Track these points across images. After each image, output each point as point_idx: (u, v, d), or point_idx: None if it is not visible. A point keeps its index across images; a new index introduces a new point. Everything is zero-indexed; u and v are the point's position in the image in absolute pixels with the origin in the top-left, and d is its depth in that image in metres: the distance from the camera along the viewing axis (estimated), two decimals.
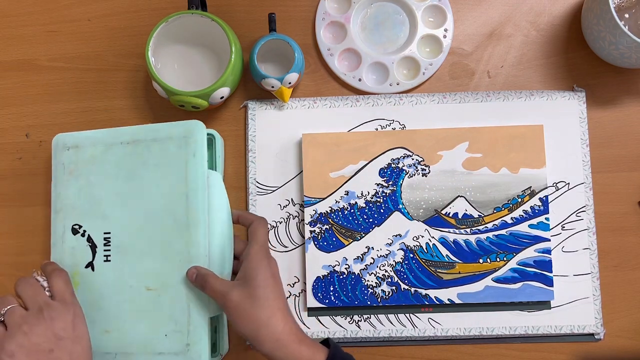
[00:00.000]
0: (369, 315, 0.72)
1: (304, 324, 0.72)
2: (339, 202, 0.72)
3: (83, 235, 0.67)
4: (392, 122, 0.75)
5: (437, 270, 0.71)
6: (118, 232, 0.66)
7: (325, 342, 0.61)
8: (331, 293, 0.71)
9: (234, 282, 0.59)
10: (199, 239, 0.63)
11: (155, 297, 0.64)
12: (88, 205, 0.68)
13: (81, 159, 0.69)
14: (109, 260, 0.66)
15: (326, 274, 0.72)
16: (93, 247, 0.67)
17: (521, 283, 0.71)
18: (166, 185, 0.65)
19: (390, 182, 0.72)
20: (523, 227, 0.71)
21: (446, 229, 0.72)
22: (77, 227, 0.68)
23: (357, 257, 0.72)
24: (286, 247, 0.73)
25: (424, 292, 0.71)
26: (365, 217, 0.72)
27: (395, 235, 0.72)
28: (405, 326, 0.72)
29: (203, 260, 0.63)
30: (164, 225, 0.64)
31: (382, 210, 0.72)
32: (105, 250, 0.66)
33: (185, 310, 0.63)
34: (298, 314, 0.72)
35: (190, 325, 0.63)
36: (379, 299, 0.71)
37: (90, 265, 0.67)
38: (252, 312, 0.57)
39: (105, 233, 0.67)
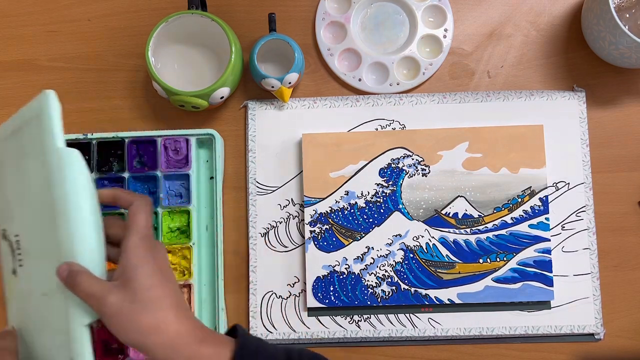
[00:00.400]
0: (369, 315, 0.72)
1: (304, 324, 0.72)
2: (339, 202, 0.72)
3: (7, 239, 0.59)
4: (392, 122, 0.75)
5: (437, 270, 0.71)
6: (23, 233, 0.57)
7: (234, 330, 0.53)
8: (331, 293, 0.71)
9: (112, 284, 0.49)
10: (60, 230, 0.51)
11: (48, 303, 0.53)
12: (5, 207, 0.59)
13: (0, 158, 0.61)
14: (22, 265, 0.56)
15: (326, 274, 0.72)
16: (13, 252, 0.58)
17: (521, 283, 0.71)
18: (37, 172, 0.54)
19: (390, 182, 0.72)
20: (523, 227, 0.71)
21: (446, 229, 0.72)
22: (3, 230, 0.59)
23: (357, 257, 0.72)
24: (286, 247, 0.73)
25: (424, 292, 0.71)
26: (365, 217, 0.72)
27: (395, 235, 0.72)
28: (405, 326, 0.72)
29: (67, 254, 0.50)
30: (43, 219, 0.53)
31: (382, 210, 0.72)
32: (18, 254, 0.57)
33: (64, 318, 0.51)
34: (298, 314, 0.72)
35: (71, 335, 0.50)
36: (379, 299, 0.71)
37: (14, 271, 0.58)
38: (136, 319, 0.47)
39: (15, 235, 0.57)
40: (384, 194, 0.72)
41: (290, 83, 0.71)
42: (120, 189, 0.54)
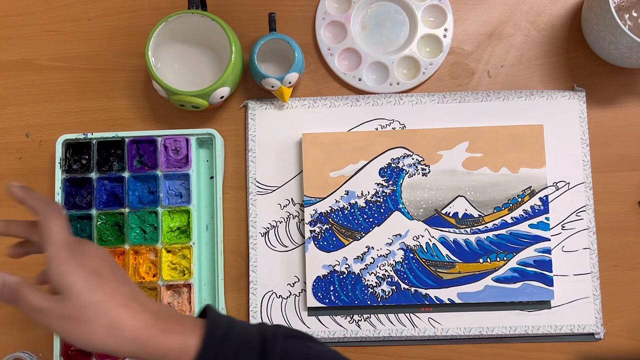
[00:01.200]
0: (369, 315, 0.72)
1: (304, 323, 0.72)
2: (339, 202, 0.72)
3: None
4: (392, 121, 0.75)
5: (437, 270, 0.71)
6: None
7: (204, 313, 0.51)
8: (331, 293, 0.71)
9: (53, 297, 0.47)
10: None
11: None
12: None
13: None
14: None
15: (326, 273, 0.72)
16: None
17: (521, 283, 0.71)
18: None
19: (390, 182, 0.72)
20: (523, 227, 0.71)
21: (446, 229, 0.72)
22: None
23: (357, 256, 0.72)
24: (286, 247, 0.73)
25: (424, 291, 0.71)
26: (365, 216, 0.72)
27: (395, 235, 0.72)
28: (405, 326, 0.72)
29: None
30: None
31: (382, 210, 0.72)
32: None
33: None
34: (298, 313, 0.72)
35: None
36: (379, 299, 0.71)
37: None
38: (88, 327, 0.46)
39: None
40: (384, 194, 0.72)
41: (290, 83, 0.71)
42: (30, 193, 0.51)
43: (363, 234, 0.72)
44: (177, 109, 0.76)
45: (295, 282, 0.73)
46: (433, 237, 0.72)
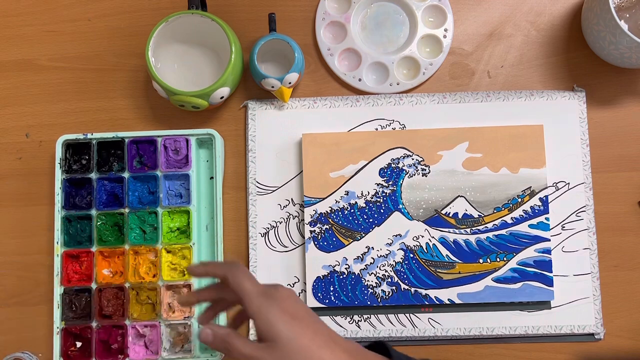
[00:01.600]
0: (369, 315, 0.72)
1: None
2: (339, 202, 0.72)
3: None
4: (392, 122, 0.75)
5: (437, 270, 0.71)
6: None
7: (380, 347, 0.55)
8: (331, 293, 0.71)
9: (262, 345, 0.51)
10: None
11: None
12: None
13: None
14: None
15: (326, 274, 0.72)
16: None
17: (521, 283, 0.71)
18: None
19: (390, 182, 0.72)
20: (523, 227, 0.71)
21: (446, 229, 0.72)
22: None
23: (357, 257, 0.72)
24: (286, 247, 0.73)
25: (424, 292, 0.71)
26: (365, 217, 0.72)
27: (395, 235, 0.72)
28: (405, 326, 0.72)
29: None
30: None
31: (382, 210, 0.72)
32: None
33: None
34: None
35: None
36: (379, 299, 0.71)
37: None
38: None
39: None
40: (384, 194, 0.72)
41: (290, 83, 0.71)
42: (208, 264, 0.58)
43: (363, 234, 0.72)
44: (177, 109, 0.76)
45: (295, 282, 0.73)
46: (433, 237, 0.72)
